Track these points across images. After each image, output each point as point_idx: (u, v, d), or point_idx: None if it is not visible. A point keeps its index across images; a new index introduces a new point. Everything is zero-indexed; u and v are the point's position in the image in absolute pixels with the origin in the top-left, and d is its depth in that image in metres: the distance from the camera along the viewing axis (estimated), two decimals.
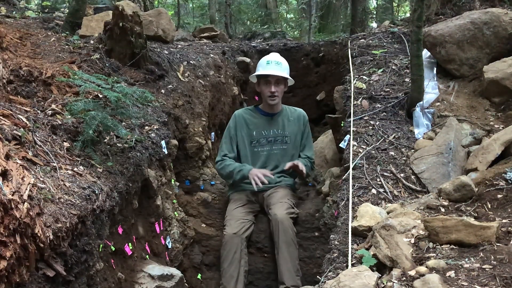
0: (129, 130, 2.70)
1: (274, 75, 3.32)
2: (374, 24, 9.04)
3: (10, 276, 1.33)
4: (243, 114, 3.50)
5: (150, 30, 4.17)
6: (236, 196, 3.41)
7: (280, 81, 3.38)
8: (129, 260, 2.43)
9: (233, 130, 3.46)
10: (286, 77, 3.38)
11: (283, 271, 3.01)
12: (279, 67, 3.35)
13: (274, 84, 3.35)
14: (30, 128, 2.02)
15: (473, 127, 2.99)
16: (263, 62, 3.41)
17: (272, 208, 3.21)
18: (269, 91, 3.35)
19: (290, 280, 2.99)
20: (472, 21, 3.46)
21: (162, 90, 3.52)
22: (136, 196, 2.56)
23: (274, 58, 3.41)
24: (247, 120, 3.47)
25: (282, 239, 3.05)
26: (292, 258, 3.04)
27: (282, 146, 3.48)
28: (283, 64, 3.39)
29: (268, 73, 3.32)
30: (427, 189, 2.58)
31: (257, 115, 3.50)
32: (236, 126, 3.46)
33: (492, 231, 1.69)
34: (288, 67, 3.46)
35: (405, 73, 3.72)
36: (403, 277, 1.64)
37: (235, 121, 3.48)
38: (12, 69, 2.57)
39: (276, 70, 3.32)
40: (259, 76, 3.41)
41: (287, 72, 3.41)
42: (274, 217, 3.12)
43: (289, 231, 3.08)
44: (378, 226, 1.98)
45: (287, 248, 3.05)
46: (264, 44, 6.01)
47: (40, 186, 1.69)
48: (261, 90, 3.44)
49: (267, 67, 3.35)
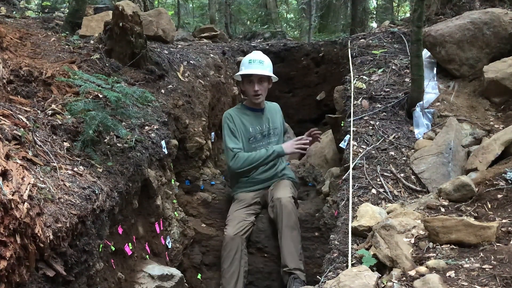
0: (129, 130, 2.70)
1: (256, 74, 3.35)
2: (374, 24, 9.05)
3: (10, 276, 1.33)
4: (235, 113, 3.48)
5: (150, 30, 4.17)
6: (242, 196, 3.43)
7: (264, 79, 3.41)
8: (129, 260, 2.43)
9: (232, 125, 3.41)
10: (268, 75, 3.41)
11: (286, 254, 3.01)
12: (261, 65, 3.37)
13: (257, 82, 3.38)
14: (30, 128, 2.02)
15: (473, 127, 2.99)
16: (245, 61, 3.43)
17: (275, 194, 3.24)
18: (253, 90, 3.38)
19: (293, 263, 2.97)
20: (472, 21, 3.46)
21: (162, 90, 3.51)
22: (136, 196, 2.55)
23: (256, 57, 3.43)
24: (241, 118, 3.46)
25: (285, 223, 3.06)
26: (295, 242, 3.04)
27: (274, 138, 3.55)
28: (265, 62, 3.41)
29: (251, 72, 3.35)
30: (427, 189, 2.58)
31: (248, 112, 3.51)
32: (234, 123, 3.43)
33: (492, 231, 1.69)
34: (271, 64, 3.48)
35: (405, 73, 3.72)
36: (403, 277, 1.64)
37: (232, 119, 3.43)
38: (12, 69, 2.57)
39: (259, 69, 3.35)
40: (242, 75, 3.44)
41: (269, 69, 3.42)
42: (278, 201, 3.14)
43: (292, 215, 3.10)
44: (378, 226, 1.98)
45: (290, 232, 3.05)
46: (264, 44, 6.01)
47: (40, 186, 1.69)
48: (245, 89, 3.47)
49: (249, 66, 3.38)
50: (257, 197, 3.44)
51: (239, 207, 3.34)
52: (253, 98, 3.43)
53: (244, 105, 3.56)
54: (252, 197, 3.42)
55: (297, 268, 2.96)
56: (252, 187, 3.45)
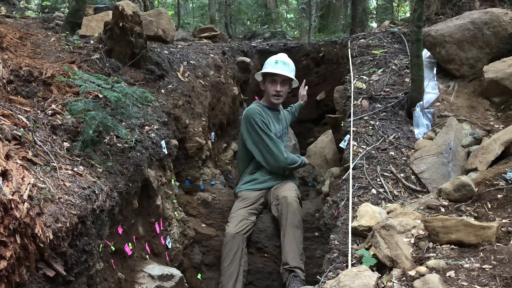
0: (129, 130, 2.70)
1: (281, 74, 3.39)
2: (374, 24, 9.04)
3: (10, 276, 1.33)
4: (261, 109, 3.45)
5: (150, 30, 4.17)
6: (245, 194, 3.44)
7: (286, 81, 3.46)
8: (129, 260, 2.43)
9: (265, 119, 3.38)
10: (292, 78, 3.46)
11: (288, 251, 3.02)
12: (287, 67, 3.43)
13: (280, 83, 3.42)
14: (30, 128, 2.02)
15: (473, 127, 2.99)
16: (271, 61, 3.46)
17: (281, 193, 3.26)
18: (275, 90, 3.42)
19: (294, 261, 2.98)
20: (472, 21, 3.46)
21: (162, 90, 3.51)
22: (136, 196, 2.55)
23: (282, 58, 3.48)
24: (266, 116, 3.45)
25: (290, 221, 3.08)
26: (297, 241, 3.05)
27: (285, 139, 3.66)
28: (290, 65, 3.48)
29: (276, 72, 3.39)
30: (427, 189, 2.58)
31: (268, 110, 3.52)
32: (265, 118, 3.39)
33: (492, 231, 1.69)
34: (295, 68, 3.53)
35: (405, 73, 3.72)
36: (403, 277, 1.64)
37: (262, 114, 3.39)
38: (12, 69, 2.57)
39: (284, 70, 3.40)
40: (265, 74, 3.47)
41: (293, 73, 3.49)
42: (284, 199, 3.15)
43: (297, 214, 3.12)
44: (378, 226, 1.98)
45: (293, 231, 3.06)
46: (264, 44, 6.00)
47: (40, 186, 1.69)
48: (266, 88, 3.49)
49: (275, 66, 3.41)
50: (261, 197, 3.44)
51: (243, 205, 3.35)
52: (274, 98, 3.46)
53: (263, 104, 3.56)
54: (255, 196, 3.42)
55: (297, 267, 2.96)
56: (257, 185, 3.47)
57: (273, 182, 3.47)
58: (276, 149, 3.34)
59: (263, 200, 3.46)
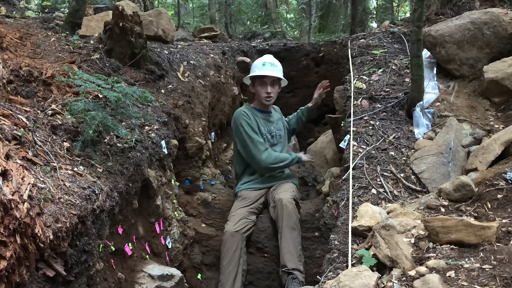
0: (129, 130, 2.70)
1: (270, 76, 3.42)
2: (374, 24, 9.05)
3: (10, 276, 1.33)
4: (248, 112, 3.47)
5: (150, 30, 4.17)
6: (245, 194, 3.44)
7: (275, 82, 3.49)
8: (129, 260, 2.43)
9: (250, 121, 3.39)
10: (281, 77, 3.49)
11: (285, 253, 3.01)
12: (275, 68, 3.46)
13: (270, 85, 3.45)
14: (30, 128, 2.01)
15: (473, 127, 2.99)
16: (258, 64, 3.49)
17: (277, 195, 3.26)
18: (265, 92, 3.45)
19: (292, 263, 2.98)
20: (472, 21, 3.46)
21: (162, 90, 3.51)
22: (136, 196, 2.55)
23: (269, 59, 3.50)
24: (255, 117, 3.47)
25: (286, 223, 3.08)
26: (295, 243, 3.05)
27: (280, 140, 3.60)
28: (277, 65, 3.50)
29: (265, 74, 3.41)
30: (427, 189, 2.58)
31: (257, 113, 3.53)
32: (251, 120, 3.41)
33: (492, 231, 1.69)
34: (282, 68, 3.55)
35: (405, 73, 3.72)
36: (403, 277, 1.64)
37: (248, 116, 3.42)
38: (12, 69, 2.57)
39: (272, 72, 3.43)
40: (254, 77, 3.49)
41: (281, 73, 3.51)
42: (279, 201, 3.16)
43: (293, 216, 3.11)
44: (378, 226, 1.98)
45: (290, 233, 3.06)
46: (264, 44, 6.01)
47: (40, 186, 1.69)
48: (256, 90, 3.51)
49: (263, 68, 3.44)
50: (261, 196, 3.45)
51: (243, 204, 3.35)
52: (265, 100, 3.48)
53: (252, 107, 3.58)
54: (255, 195, 3.43)
55: (296, 269, 2.96)
56: (257, 185, 3.48)
57: (273, 182, 3.48)
58: (255, 150, 3.34)
59: (263, 199, 3.46)
